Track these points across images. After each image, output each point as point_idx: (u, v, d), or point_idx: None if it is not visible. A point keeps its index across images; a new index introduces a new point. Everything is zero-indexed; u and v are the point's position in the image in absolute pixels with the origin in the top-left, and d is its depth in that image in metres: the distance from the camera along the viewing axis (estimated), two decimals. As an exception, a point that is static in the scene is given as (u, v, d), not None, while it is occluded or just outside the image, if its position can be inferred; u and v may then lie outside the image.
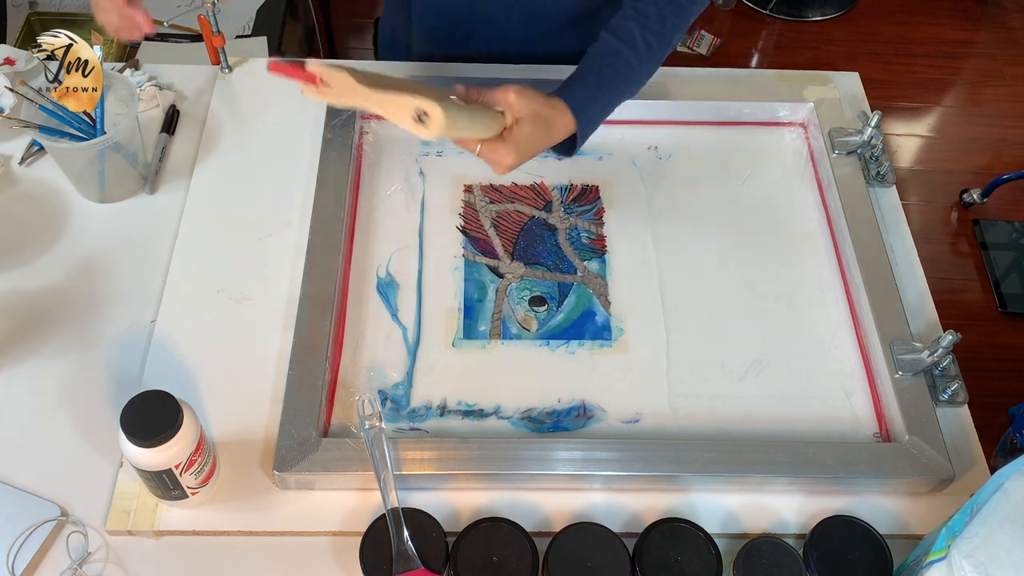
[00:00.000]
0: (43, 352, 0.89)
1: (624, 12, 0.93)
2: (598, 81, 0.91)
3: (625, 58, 0.91)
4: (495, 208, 1.02)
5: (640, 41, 0.91)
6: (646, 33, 0.91)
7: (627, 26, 0.92)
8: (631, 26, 0.91)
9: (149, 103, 1.08)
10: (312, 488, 0.81)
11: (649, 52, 0.92)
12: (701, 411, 0.88)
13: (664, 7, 0.92)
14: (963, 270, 2.16)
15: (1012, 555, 0.63)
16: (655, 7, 0.92)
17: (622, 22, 0.92)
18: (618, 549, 0.75)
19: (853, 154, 1.06)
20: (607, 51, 0.92)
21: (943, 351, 0.86)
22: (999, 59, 2.66)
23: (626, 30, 0.91)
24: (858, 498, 0.83)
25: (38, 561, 0.77)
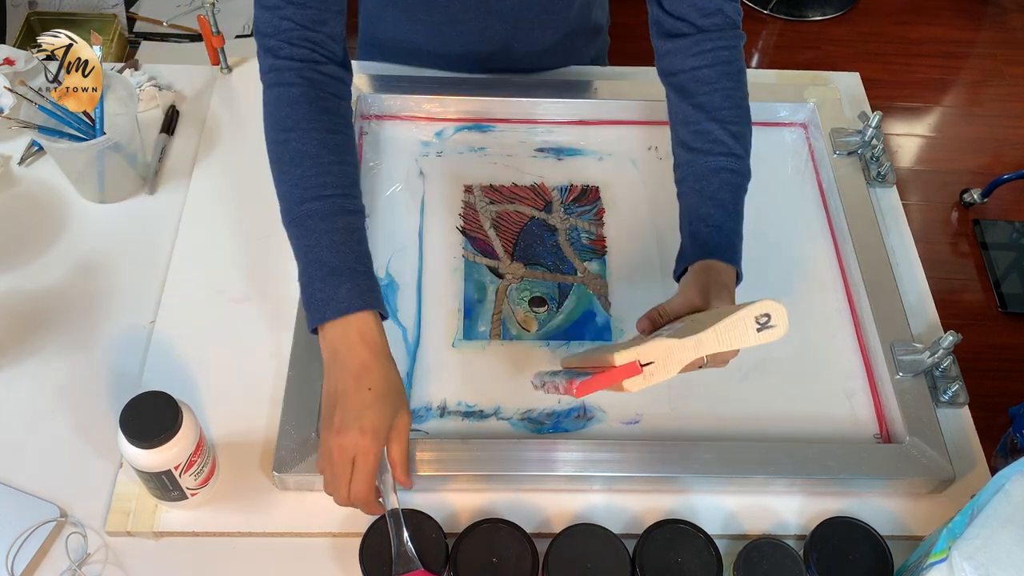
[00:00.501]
0: (43, 352, 0.89)
1: (692, 116, 0.85)
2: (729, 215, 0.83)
3: (731, 169, 0.84)
4: (495, 209, 1.02)
5: (730, 139, 0.84)
6: (727, 126, 0.84)
7: (708, 132, 0.84)
8: (712, 129, 0.84)
9: (149, 103, 1.08)
10: (312, 489, 0.81)
11: (741, 142, 0.84)
12: (701, 412, 0.88)
13: (722, 84, 0.85)
14: (963, 270, 2.16)
15: (1013, 556, 0.63)
16: (719, 94, 0.85)
17: (702, 128, 0.84)
18: (618, 550, 0.74)
19: (853, 154, 1.06)
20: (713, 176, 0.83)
21: (944, 352, 0.86)
22: (999, 59, 2.66)
23: (712, 138, 0.84)
24: (858, 499, 0.83)
25: (38, 562, 0.77)
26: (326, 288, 0.74)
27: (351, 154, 0.81)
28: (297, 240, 0.77)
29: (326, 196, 0.76)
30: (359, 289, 0.74)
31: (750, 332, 0.65)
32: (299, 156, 0.77)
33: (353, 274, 0.75)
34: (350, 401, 0.72)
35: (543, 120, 1.10)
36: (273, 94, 0.80)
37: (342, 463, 0.71)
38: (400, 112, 1.09)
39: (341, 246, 0.75)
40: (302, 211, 0.76)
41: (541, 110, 1.09)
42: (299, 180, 0.77)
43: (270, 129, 0.80)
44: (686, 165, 0.85)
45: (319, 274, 0.75)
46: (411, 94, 1.08)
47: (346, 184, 0.78)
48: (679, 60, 0.87)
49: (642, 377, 0.65)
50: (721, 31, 0.86)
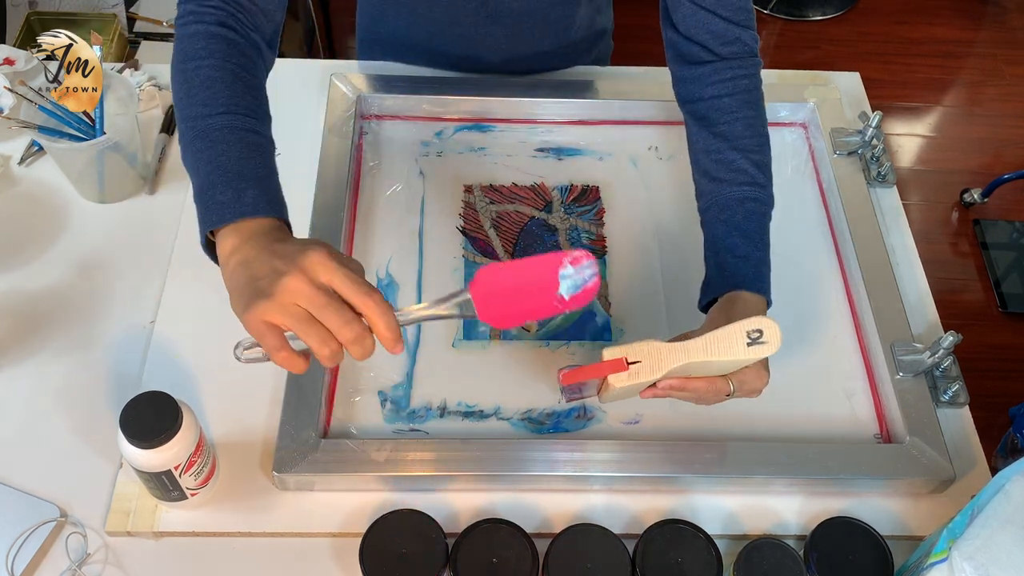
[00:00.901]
0: (43, 353, 0.89)
1: (714, 145, 0.85)
2: (756, 245, 0.82)
3: (756, 199, 0.83)
4: (495, 209, 1.02)
5: (753, 168, 0.83)
6: (750, 155, 0.84)
7: (731, 161, 0.83)
8: (734, 159, 0.83)
9: (149, 103, 1.08)
10: (312, 489, 0.81)
11: (763, 171, 0.84)
12: (701, 412, 0.88)
13: (743, 112, 0.85)
14: (964, 270, 2.16)
15: (1013, 557, 0.63)
16: (740, 123, 0.85)
17: (724, 157, 0.84)
18: (618, 550, 0.74)
19: (854, 154, 1.06)
20: (738, 206, 0.83)
21: (944, 352, 0.86)
22: (999, 59, 2.66)
23: (735, 168, 0.83)
24: (859, 499, 0.83)
25: (38, 562, 0.77)
26: (228, 191, 0.66)
27: (263, 97, 0.75)
28: (199, 153, 0.69)
29: (238, 114, 0.70)
30: (265, 196, 0.67)
31: (740, 345, 0.66)
32: (211, 81, 0.71)
33: (260, 182, 0.67)
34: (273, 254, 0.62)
35: (543, 120, 1.10)
36: (189, 30, 0.74)
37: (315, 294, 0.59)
38: (400, 112, 1.09)
39: (253, 158, 0.69)
40: (208, 124, 0.69)
41: (541, 110, 1.09)
42: (208, 100, 0.70)
43: (180, 60, 0.74)
44: (710, 195, 0.85)
45: (222, 179, 0.66)
46: (411, 94, 1.08)
47: (259, 113, 0.73)
48: (698, 88, 0.87)
49: (627, 374, 0.66)
50: (741, 59, 0.86)
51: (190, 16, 0.76)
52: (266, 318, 0.60)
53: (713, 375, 0.73)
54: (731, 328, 0.66)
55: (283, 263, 0.60)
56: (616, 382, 0.66)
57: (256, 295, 0.60)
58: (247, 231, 0.65)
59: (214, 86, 0.71)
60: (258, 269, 0.62)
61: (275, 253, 0.62)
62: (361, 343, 0.59)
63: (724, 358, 0.66)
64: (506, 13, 1.04)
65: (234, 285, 0.64)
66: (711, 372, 0.73)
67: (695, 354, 0.66)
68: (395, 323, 0.60)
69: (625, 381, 0.66)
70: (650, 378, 0.66)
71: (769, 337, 0.66)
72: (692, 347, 0.66)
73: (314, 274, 0.59)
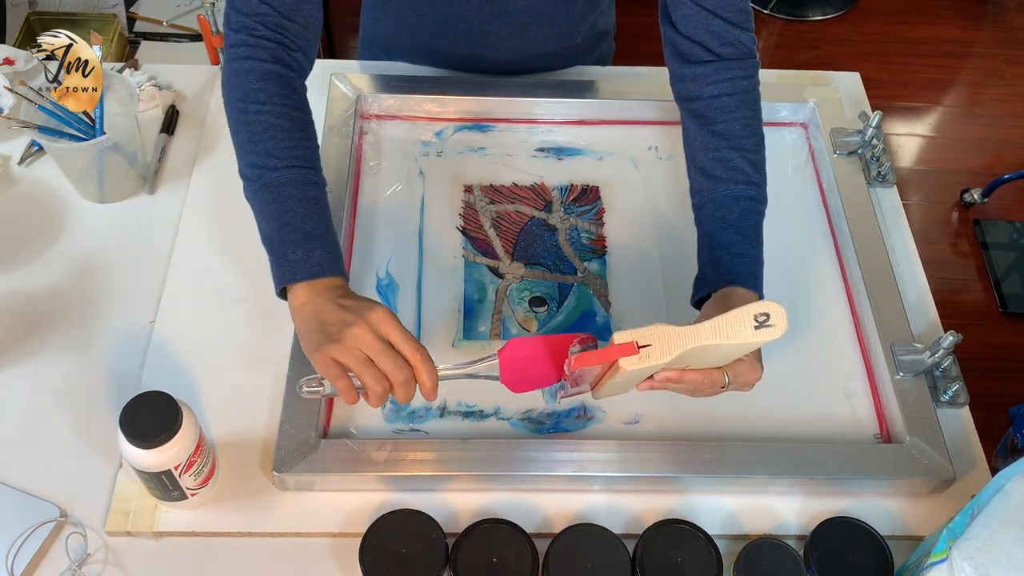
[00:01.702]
0: (43, 352, 0.89)
1: (712, 143, 0.86)
2: (751, 243, 0.83)
3: (751, 197, 0.85)
4: (495, 208, 1.02)
5: (749, 167, 0.85)
6: (747, 154, 0.85)
7: (728, 159, 0.85)
8: (732, 157, 0.85)
9: (149, 103, 1.08)
10: (312, 489, 0.81)
11: (759, 170, 0.86)
12: (701, 412, 0.88)
13: (741, 112, 0.86)
14: (964, 270, 2.16)
15: (1013, 557, 0.63)
16: (738, 122, 0.86)
17: (722, 156, 0.85)
18: (618, 550, 0.74)
19: (854, 154, 1.06)
20: (734, 204, 0.84)
21: (944, 352, 0.86)
22: (999, 59, 2.66)
23: (732, 166, 0.85)
24: (859, 499, 0.83)
25: (37, 562, 0.77)
26: (299, 251, 0.77)
27: (315, 137, 0.85)
28: (269, 204, 0.79)
29: (298, 167, 0.80)
30: (330, 256, 0.78)
31: (747, 329, 0.66)
32: (272, 128, 0.80)
33: (324, 242, 0.78)
34: (341, 308, 0.73)
35: (543, 120, 1.10)
36: (244, 66, 0.82)
37: (375, 343, 0.70)
38: (400, 112, 1.09)
39: (314, 215, 0.79)
40: (275, 177, 0.79)
41: (541, 110, 1.09)
42: (272, 150, 0.80)
43: (238, 100, 0.81)
44: (705, 192, 0.86)
45: (292, 237, 0.77)
46: (411, 94, 1.08)
47: (314, 160, 0.82)
48: (697, 87, 0.88)
49: (638, 357, 0.66)
50: (740, 60, 0.87)
51: (243, 48, 0.82)
52: (335, 356, 0.71)
53: (710, 366, 0.73)
54: (739, 312, 0.67)
55: (352, 316, 0.72)
56: (627, 365, 0.66)
57: (327, 339, 0.71)
58: (318, 286, 0.76)
59: (276, 135, 0.80)
60: (328, 317, 0.73)
61: (344, 307, 0.73)
62: (407, 386, 0.71)
63: (732, 341, 0.66)
64: (511, 12, 1.04)
65: (306, 330, 0.74)
66: (710, 362, 0.73)
67: (704, 337, 0.66)
68: (435, 374, 0.72)
69: (636, 364, 0.66)
70: (660, 361, 0.66)
71: (776, 320, 0.66)
72: (702, 330, 0.67)
73: (377, 327, 0.71)
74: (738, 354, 0.72)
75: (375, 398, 0.70)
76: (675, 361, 0.69)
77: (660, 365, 0.67)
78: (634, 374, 0.70)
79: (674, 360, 0.68)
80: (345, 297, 0.75)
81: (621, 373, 0.68)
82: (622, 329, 0.66)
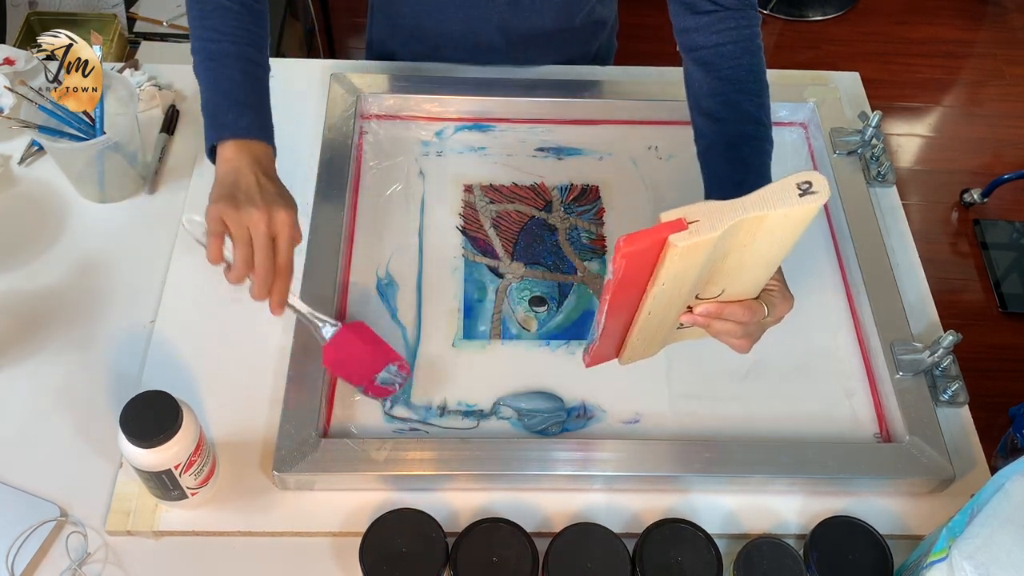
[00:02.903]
0: (43, 352, 0.89)
1: (719, 88, 0.87)
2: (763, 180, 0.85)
3: (760, 137, 0.86)
4: (495, 208, 1.02)
5: (756, 110, 0.87)
6: (753, 98, 0.87)
7: (736, 103, 0.87)
8: (739, 100, 0.86)
9: (149, 103, 1.08)
10: (312, 488, 0.81)
11: (765, 114, 0.88)
12: (701, 411, 0.88)
13: (745, 59, 0.88)
14: (963, 270, 2.16)
15: (1013, 556, 0.63)
16: (743, 68, 0.87)
17: (729, 99, 0.87)
18: (618, 550, 0.74)
19: (853, 154, 1.06)
20: (743, 144, 0.86)
21: (943, 351, 0.86)
22: (999, 59, 2.66)
23: (739, 109, 0.86)
24: (858, 499, 0.83)
25: (38, 561, 0.77)
26: (230, 114, 0.83)
27: (266, 27, 0.90)
28: (209, 72, 0.86)
29: (242, 44, 0.87)
30: (259, 124, 0.85)
31: (792, 196, 0.65)
32: (221, 9, 0.87)
33: (256, 111, 0.85)
34: (258, 185, 0.80)
35: (543, 120, 1.10)
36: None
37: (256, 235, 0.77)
38: (400, 112, 1.09)
39: (248, 87, 0.86)
40: (217, 49, 0.86)
41: (541, 110, 1.09)
42: (219, 26, 0.86)
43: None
44: (713, 134, 0.87)
45: (225, 103, 0.84)
46: (411, 94, 1.08)
47: (260, 44, 0.88)
48: (702, 36, 0.89)
49: (688, 232, 0.64)
50: (743, 10, 0.89)
51: None
52: (225, 219, 0.77)
53: (745, 292, 0.73)
54: (781, 183, 0.66)
55: (261, 199, 0.78)
56: (678, 241, 0.64)
57: (230, 199, 0.78)
58: (245, 148, 0.82)
59: (225, 16, 0.87)
60: (243, 184, 0.79)
61: (261, 186, 0.80)
62: (264, 286, 0.78)
63: (779, 209, 0.65)
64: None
65: (221, 181, 0.81)
66: (748, 278, 0.72)
67: (751, 208, 0.65)
68: (285, 294, 0.80)
69: (687, 240, 0.64)
70: (710, 236, 0.64)
71: (819, 187, 0.65)
72: (748, 202, 0.65)
73: (273, 224, 0.78)
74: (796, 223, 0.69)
75: (233, 277, 0.78)
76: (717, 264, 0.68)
77: (711, 239, 0.65)
78: (675, 292, 0.68)
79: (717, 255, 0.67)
80: (267, 176, 0.81)
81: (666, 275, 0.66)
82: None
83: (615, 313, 0.71)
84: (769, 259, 0.71)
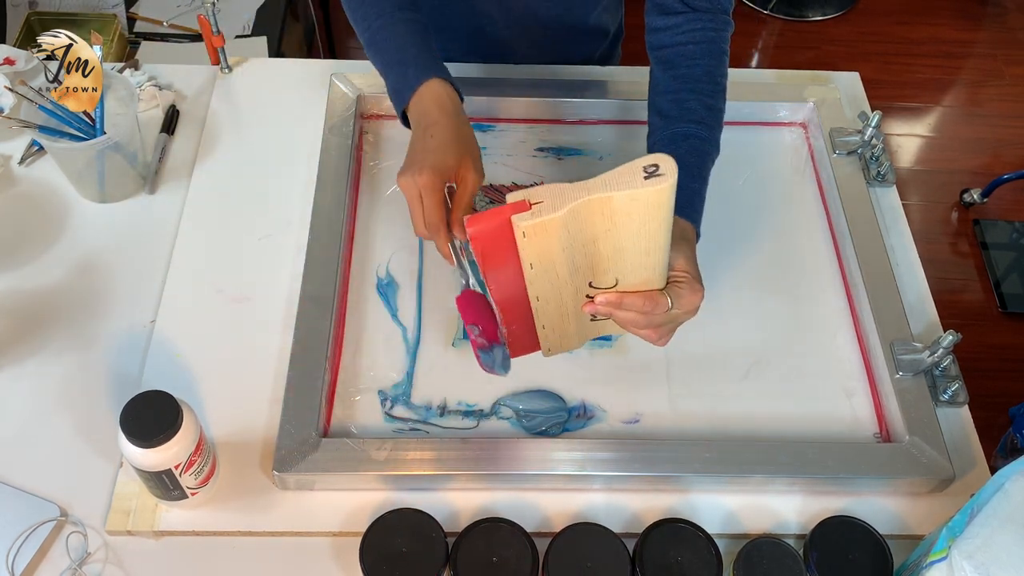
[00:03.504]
0: (43, 352, 0.89)
1: (672, 86, 0.89)
2: (692, 178, 0.85)
3: (700, 137, 0.86)
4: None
5: (703, 110, 0.87)
6: (703, 98, 0.87)
7: (684, 101, 0.87)
8: (687, 99, 0.87)
9: (149, 103, 1.08)
10: (312, 488, 0.81)
11: (714, 115, 0.88)
12: (701, 411, 0.88)
13: (704, 60, 0.89)
14: (963, 270, 2.16)
15: (1013, 555, 0.63)
16: (700, 68, 0.88)
17: (679, 97, 0.87)
18: (618, 549, 0.74)
19: (853, 154, 1.06)
20: (682, 141, 0.86)
21: (943, 351, 0.86)
22: (999, 59, 2.66)
23: (686, 107, 0.87)
24: (858, 498, 0.83)
25: (38, 561, 0.77)
26: (399, 78, 0.86)
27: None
28: (375, 57, 0.90)
29: (386, 15, 0.89)
30: (423, 66, 0.86)
31: (637, 178, 0.65)
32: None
33: (417, 60, 0.86)
34: (415, 149, 0.82)
35: (543, 120, 1.10)
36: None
37: (411, 199, 0.80)
38: (400, 112, 1.09)
39: (406, 46, 0.87)
40: (370, 33, 0.89)
41: (541, 110, 1.09)
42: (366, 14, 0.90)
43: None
44: (659, 131, 0.88)
45: (392, 73, 0.87)
46: (411, 94, 1.08)
47: (403, 3, 0.90)
48: (668, 36, 0.90)
49: (529, 213, 0.66)
50: (712, 14, 0.90)
51: None
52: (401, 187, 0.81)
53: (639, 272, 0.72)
54: (628, 165, 0.66)
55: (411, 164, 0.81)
56: (520, 221, 0.66)
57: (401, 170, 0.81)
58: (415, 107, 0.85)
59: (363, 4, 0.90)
60: (409, 151, 0.83)
61: (415, 149, 0.83)
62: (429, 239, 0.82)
63: (623, 191, 0.65)
64: None
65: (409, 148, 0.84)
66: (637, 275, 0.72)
67: (595, 189, 0.66)
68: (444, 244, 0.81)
69: (529, 221, 0.66)
70: (552, 216, 0.66)
71: (665, 170, 0.65)
72: (592, 184, 0.66)
73: (414, 190, 0.79)
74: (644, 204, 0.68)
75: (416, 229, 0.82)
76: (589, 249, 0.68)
77: (553, 218, 0.66)
78: (551, 276, 0.69)
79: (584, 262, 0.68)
80: (432, 127, 0.82)
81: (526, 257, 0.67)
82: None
83: (500, 295, 0.73)
84: (643, 246, 0.70)
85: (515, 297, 0.73)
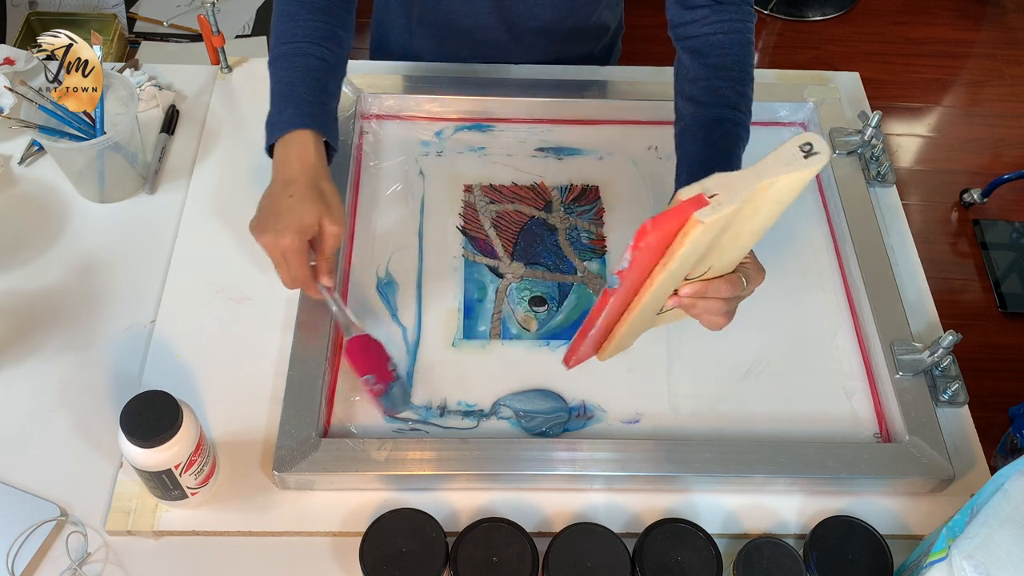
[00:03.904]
0: (43, 352, 0.89)
1: (703, 73, 0.89)
2: (731, 164, 0.86)
3: (735, 122, 0.88)
4: (495, 208, 1.02)
5: (736, 97, 0.88)
6: (736, 85, 0.89)
7: (716, 88, 0.88)
8: (720, 86, 0.88)
9: (149, 103, 1.08)
10: (312, 488, 0.81)
11: (746, 102, 0.89)
12: (701, 411, 0.88)
13: (734, 51, 0.90)
14: (963, 270, 2.16)
15: (1012, 555, 0.63)
16: (730, 58, 0.89)
17: (711, 84, 0.88)
18: (618, 549, 0.74)
19: (853, 154, 1.06)
20: (717, 126, 0.87)
21: (943, 351, 0.86)
22: (999, 59, 2.66)
23: (719, 93, 0.88)
24: (858, 498, 0.83)
25: (38, 561, 0.77)
26: (275, 113, 0.85)
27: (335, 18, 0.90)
28: (270, 78, 0.88)
29: (293, 43, 0.87)
30: (299, 113, 0.84)
31: (798, 159, 0.64)
32: (283, 15, 0.89)
33: (299, 101, 0.85)
34: (275, 204, 0.82)
35: (543, 120, 1.10)
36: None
37: (275, 259, 0.82)
38: (400, 112, 1.09)
39: (295, 82, 0.86)
40: (272, 56, 0.88)
41: (541, 110, 1.09)
42: (278, 34, 0.89)
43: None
44: (690, 116, 0.89)
45: (274, 105, 0.86)
46: (411, 94, 1.08)
47: (316, 37, 0.88)
48: (695, 28, 0.91)
49: (710, 208, 0.64)
50: (737, 6, 0.90)
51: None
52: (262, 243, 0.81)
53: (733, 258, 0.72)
54: (784, 147, 0.65)
55: (272, 222, 0.80)
56: (703, 216, 0.63)
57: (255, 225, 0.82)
58: (283, 147, 0.84)
59: (282, 20, 0.89)
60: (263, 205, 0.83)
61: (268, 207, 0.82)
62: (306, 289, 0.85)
63: (790, 173, 0.64)
64: None
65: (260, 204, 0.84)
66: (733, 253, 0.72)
67: (764, 175, 0.64)
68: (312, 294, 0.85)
69: (710, 215, 0.63)
70: (730, 208, 0.64)
71: (819, 147, 0.65)
72: (760, 169, 0.65)
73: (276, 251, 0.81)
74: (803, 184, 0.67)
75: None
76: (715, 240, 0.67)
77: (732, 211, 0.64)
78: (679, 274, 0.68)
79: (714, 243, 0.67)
80: (292, 183, 0.82)
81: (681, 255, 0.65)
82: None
83: (616, 300, 0.71)
84: (759, 229, 0.70)
85: (622, 301, 0.72)
